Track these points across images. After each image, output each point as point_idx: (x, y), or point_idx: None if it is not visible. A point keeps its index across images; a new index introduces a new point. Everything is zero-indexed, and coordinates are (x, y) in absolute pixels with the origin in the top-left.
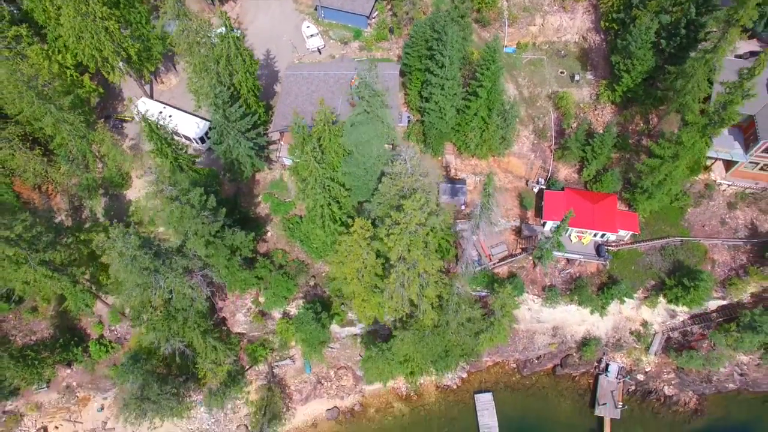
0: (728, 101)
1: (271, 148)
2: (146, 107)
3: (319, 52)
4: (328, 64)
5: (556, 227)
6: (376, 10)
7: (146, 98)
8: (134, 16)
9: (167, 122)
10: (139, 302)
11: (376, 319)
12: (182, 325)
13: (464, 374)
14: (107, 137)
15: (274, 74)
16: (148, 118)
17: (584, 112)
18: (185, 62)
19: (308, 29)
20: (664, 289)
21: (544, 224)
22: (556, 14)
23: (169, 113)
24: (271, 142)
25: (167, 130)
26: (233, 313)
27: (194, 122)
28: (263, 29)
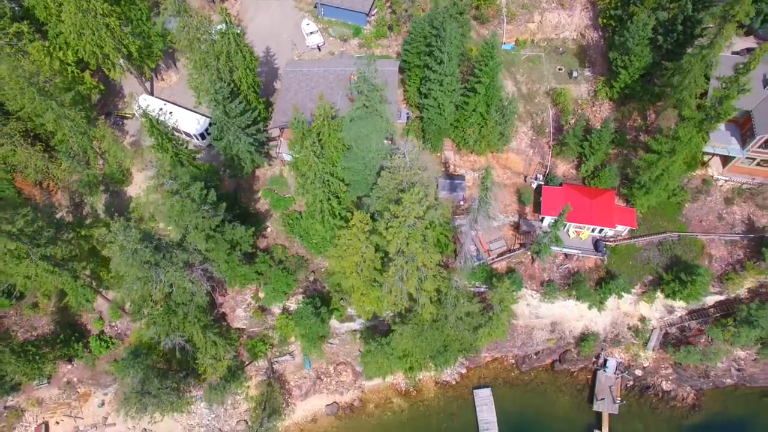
0: (724, 96)
1: (270, 144)
2: (147, 104)
3: (318, 49)
4: (327, 60)
5: (554, 222)
6: (375, 7)
7: (147, 95)
8: (135, 13)
9: (167, 118)
10: (139, 296)
11: (375, 314)
12: (182, 319)
13: (463, 370)
14: (108, 133)
15: (273, 71)
16: (148, 113)
17: (582, 108)
18: (186, 59)
19: (308, 26)
20: (661, 284)
21: (542, 220)
22: (554, 11)
23: (169, 110)
24: (271, 138)
25: (167, 126)
26: (233, 308)
27: (194, 119)
28: (263, 27)
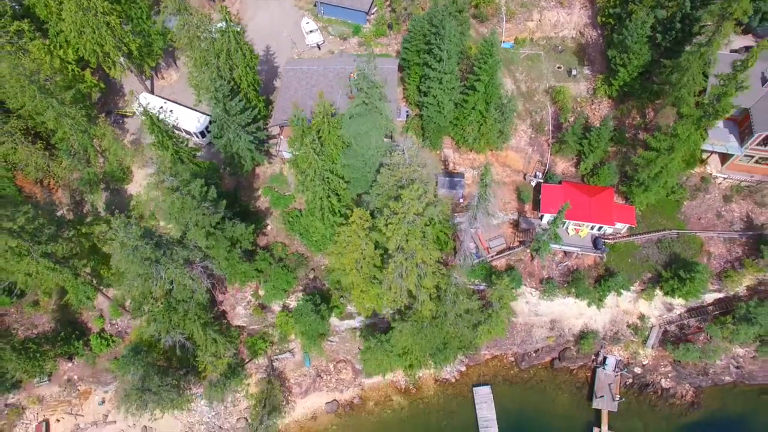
0: (722, 93)
1: (270, 142)
2: (147, 101)
3: (318, 47)
4: (327, 59)
5: (553, 219)
6: (374, 6)
7: (147, 93)
8: (135, 11)
9: (167, 116)
10: (140, 293)
11: (375, 312)
12: (183, 317)
13: (463, 368)
14: (108, 132)
15: (273, 70)
16: (149, 110)
17: (581, 106)
18: (186, 57)
19: (307, 25)
20: (660, 281)
21: (541, 217)
22: (553, 10)
23: (169, 108)
24: (271, 136)
25: (168, 123)
26: (233, 306)
27: (195, 117)
28: (263, 26)
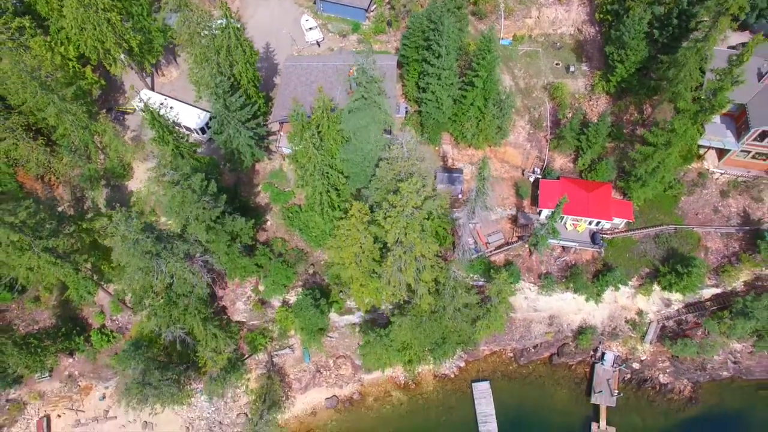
0: (718, 88)
1: (270, 138)
2: (148, 97)
3: (318, 45)
4: (326, 56)
5: (551, 213)
6: (374, 3)
7: (147, 90)
8: (136, 8)
9: (168, 111)
10: (140, 287)
11: (374, 307)
12: (183, 311)
13: (462, 363)
14: (109, 128)
15: (273, 67)
16: (149, 105)
17: (579, 102)
18: (186, 53)
19: (307, 22)
20: (658, 276)
21: (539, 212)
22: (551, 7)
23: (170, 105)
24: (270, 132)
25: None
26: (233, 301)
27: (195, 113)
28: (263, 23)
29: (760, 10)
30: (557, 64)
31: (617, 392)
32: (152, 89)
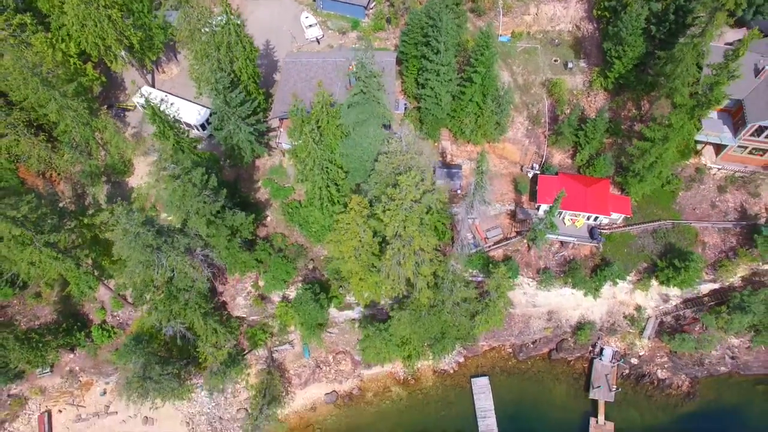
0: (715, 83)
1: (270, 134)
2: (149, 92)
3: (317, 42)
4: (326, 53)
5: (549, 208)
6: (373, 0)
7: (148, 87)
8: (136, 5)
9: (169, 107)
10: (141, 280)
11: (374, 302)
12: (183, 306)
13: (461, 359)
14: (110, 124)
15: (273, 64)
16: (150, 101)
17: (577, 98)
18: (187, 49)
19: (307, 19)
20: (656, 271)
21: (538, 208)
22: (549, 4)
23: (171, 101)
24: (270, 128)
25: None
26: (233, 296)
27: (195, 110)
28: (263, 20)
29: (757, 6)
30: (555, 60)
31: (616, 387)
32: (153, 86)
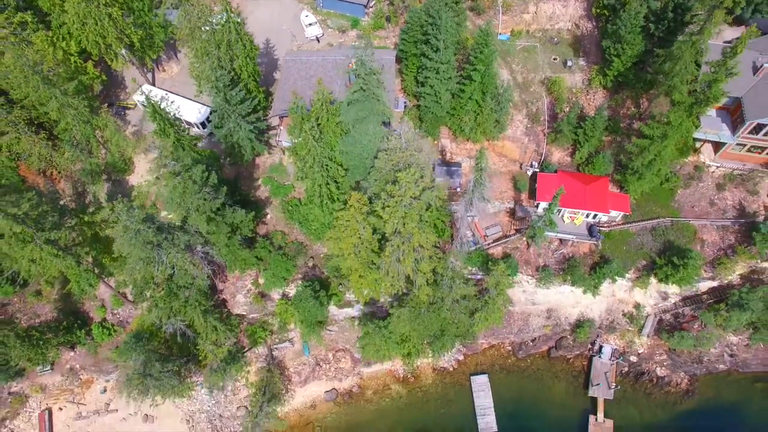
0: (713, 80)
1: (270, 132)
2: (149, 89)
3: (317, 40)
4: (326, 51)
5: (548, 205)
6: None
7: (148, 85)
8: (137, 3)
9: (169, 105)
10: (141, 277)
11: (373, 300)
12: (184, 303)
13: (460, 357)
14: (110, 122)
15: (273, 62)
16: (151, 98)
17: (576, 96)
18: (187, 47)
19: (307, 18)
20: (654, 268)
21: (537, 206)
22: (549, 2)
23: (171, 99)
24: (270, 127)
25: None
26: (233, 294)
27: (196, 108)
28: (263, 19)
29: (755, 4)
30: (555, 59)
31: (615, 385)
32: (153, 84)
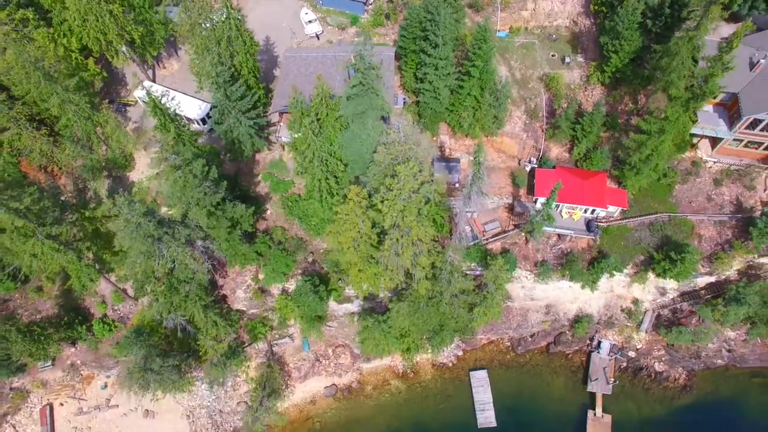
0: (709, 74)
1: (270, 129)
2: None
3: (317, 38)
4: (325, 48)
5: (546, 200)
6: None
7: (149, 82)
8: (137, 0)
9: (170, 100)
10: (142, 271)
11: (373, 295)
12: (184, 298)
13: (459, 352)
14: (111, 119)
15: (273, 59)
16: (151, 93)
17: (574, 92)
18: (188, 44)
19: (306, 15)
20: (652, 263)
21: (535, 201)
22: None
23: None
24: (270, 123)
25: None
26: (233, 289)
27: (196, 104)
28: (263, 16)
29: (752, 0)
30: (553, 55)
31: (613, 380)
32: (153, 81)
